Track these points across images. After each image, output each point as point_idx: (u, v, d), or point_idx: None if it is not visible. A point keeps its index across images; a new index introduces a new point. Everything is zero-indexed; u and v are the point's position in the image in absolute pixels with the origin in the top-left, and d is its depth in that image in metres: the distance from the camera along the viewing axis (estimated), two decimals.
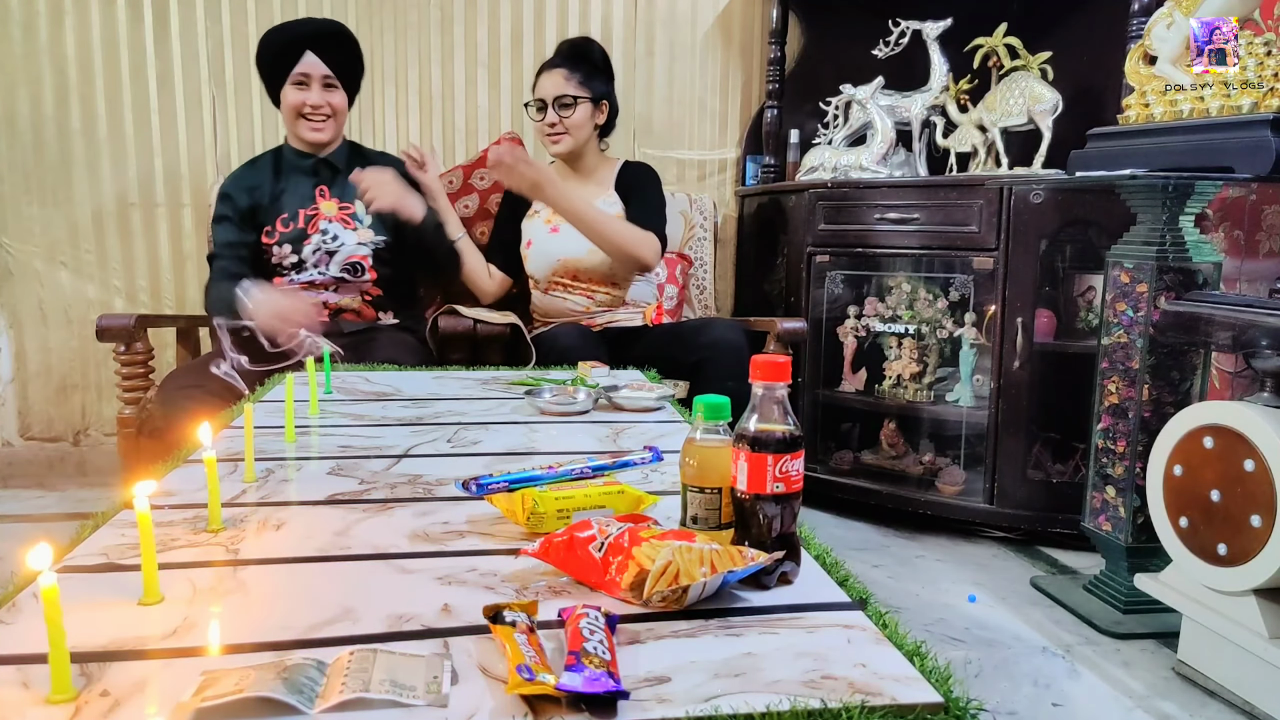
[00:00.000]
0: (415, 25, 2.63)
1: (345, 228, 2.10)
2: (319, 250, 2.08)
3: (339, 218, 2.10)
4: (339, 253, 2.09)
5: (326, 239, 2.08)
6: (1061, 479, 2.16)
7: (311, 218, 2.09)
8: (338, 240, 2.09)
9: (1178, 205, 1.69)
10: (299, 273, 2.09)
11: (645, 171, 2.31)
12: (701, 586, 0.68)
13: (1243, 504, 1.40)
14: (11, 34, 2.48)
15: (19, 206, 2.55)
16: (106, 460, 2.64)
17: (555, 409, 1.39)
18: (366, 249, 2.10)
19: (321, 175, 2.13)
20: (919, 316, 2.31)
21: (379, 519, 0.89)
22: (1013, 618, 1.79)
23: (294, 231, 2.08)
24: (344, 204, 2.11)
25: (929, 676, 0.60)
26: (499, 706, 0.55)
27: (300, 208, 2.09)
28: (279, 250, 2.07)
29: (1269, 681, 1.39)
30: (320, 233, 2.08)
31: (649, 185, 2.28)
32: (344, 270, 2.09)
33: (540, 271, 2.24)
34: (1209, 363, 1.75)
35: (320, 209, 2.09)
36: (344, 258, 2.09)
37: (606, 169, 2.32)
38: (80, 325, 2.60)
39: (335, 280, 2.09)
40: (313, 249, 2.08)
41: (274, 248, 2.08)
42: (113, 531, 0.84)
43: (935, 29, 2.35)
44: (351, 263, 2.09)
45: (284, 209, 2.09)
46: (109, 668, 0.59)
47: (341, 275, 2.09)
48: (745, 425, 0.74)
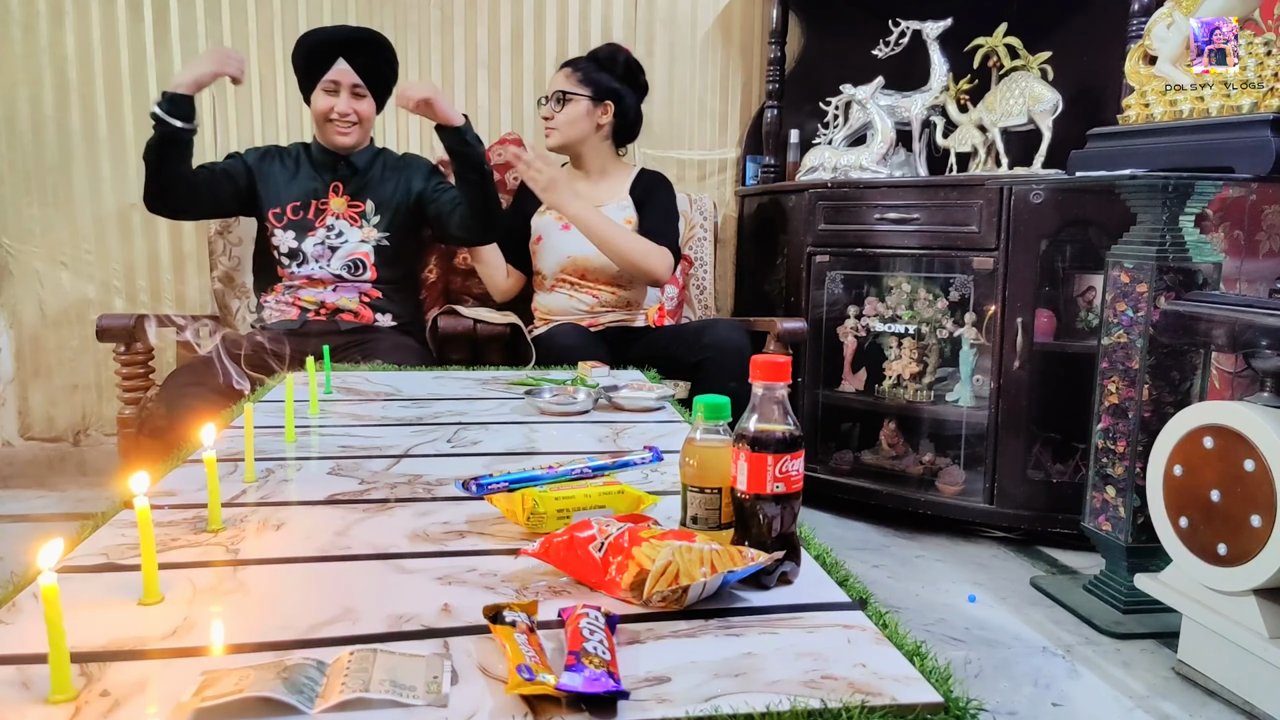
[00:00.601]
0: (415, 25, 2.63)
1: (351, 225, 2.11)
2: (322, 244, 2.09)
3: (347, 214, 2.12)
4: (341, 249, 2.10)
5: (331, 235, 2.10)
6: (1061, 479, 2.16)
7: (321, 211, 2.11)
8: (342, 237, 2.10)
9: (1178, 205, 1.69)
10: (300, 265, 2.10)
11: (660, 181, 2.33)
12: (701, 586, 0.68)
13: (1243, 504, 1.40)
14: (11, 34, 2.48)
15: (19, 206, 2.55)
16: (106, 460, 2.64)
17: (555, 409, 1.39)
18: (369, 246, 2.11)
19: (340, 173, 2.14)
20: (919, 316, 2.31)
21: (379, 519, 0.89)
22: (1013, 618, 1.79)
23: (301, 220, 2.09)
24: (354, 202, 2.13)
25: (929, 676, 0.60)
26: (499, 706, 0.55)
27: (313, 199, 2.11)
28: (282, 235, 2.09)
29: (1269, 681, 1.39)
30: (326, 228, 2.10)
31: (663, 196, 2.30)
32: (345, 267, 2.10)
33: (549, 268, 2.24)
34: (1209, 363, 1.75)
35: (330, 204, 2.11)
36: (346, 254, 2.10)
37: (621, 173, 2.33)
38: (80, 325, 2.60)
39: (335, 278, 2.09)
40: (316, 242, 2.09)
41: (278, 231, 2.09)
42: (113, 531, 0.84)
43: (935, 29, 2.35)
44: (353, 259, 2.10)
45: (296, 196, 2.11)
46: (109, 668, 0.59)
47: (341, 273, 2.10)
48: (745, 425, 0.74)
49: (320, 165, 2.14)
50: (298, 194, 2.11)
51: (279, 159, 2.16)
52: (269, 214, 2.10)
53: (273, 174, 2.13)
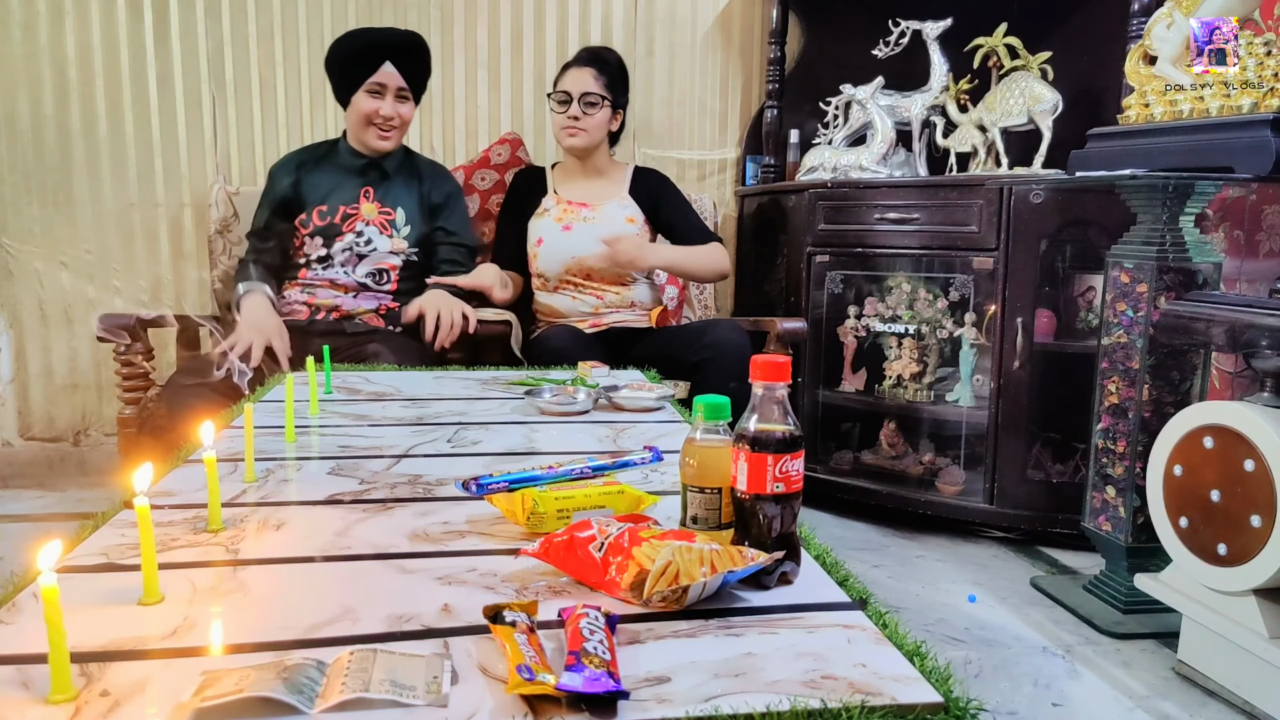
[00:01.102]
0: (415, 25, 2.62)
1: (381, 233, 2.10)
2: (349, 250, 2.08)
3: (377, 221, 2.11)
4: (369, 257, 2.10)
5: (360, 241, 2.09)
6: (1061, 479, 2.16)
7: (350, 216, 2.10)
8: (371, 245, 2.10)
9: (1178, 205, 1.69)
10: (324, 268, 2.09)
11: (664, 181, 2.39)
12: (701, 586, 0.68)
13: (1243, 504, 1.40)
14: (11, 34, 2.48)
15: (19, 206, 2.55)
16: (106, 460, 2.64)
17: (555, 409, 1.39)
18: (398, 259, 2.11)
19: (370, 177, 2.14)
20: (919, 316, 2.31)
21: (379, 519, 0.89)
22: (1013, 618, 1.79)
23: (329, 226, 2.09)
24: (384, 209, 2.12)
25: (929, 676, 0.60)
26: (499, 706, 0.55)
27: (341, 203, 2.10)
28: (310, 241, 2.09)
29: (1269, 681, 1.39)
30: (355, 233, 2.09)
31: (675, 195, 2.37)
32: (369, 275, 2.09)
33: (551, 269, 2.24)
34: (1209, 363, 1.75)
35: (361, 210, 2.10)
36: (373, 263, 2.10)
37: (617, 172, 2.37)
38: (80, 325, 2.60)
39: (358, 285, 2.09)
40: (344, 247, 2.08)
41: (305, 237, 2.09)
42: (113, 531, 0.84)
43: (935, 29, 2.35)
44: (379, 269, 2.10)
45: (324, 200, 2.10)
46: (109, 668, 0.59)
47: (366, 281, 2.09)
48: (745, 425, 0.74)
49: (350, 168, 2.14)
50: (326, 198, 2.11)
51: (314, 166, 2.15)
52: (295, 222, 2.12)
53: (314, 183, 2.13)
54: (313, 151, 2.20)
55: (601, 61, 2.28)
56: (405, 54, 2.09)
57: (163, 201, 2.60)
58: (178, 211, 2.61)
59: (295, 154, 2.21)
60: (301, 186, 2.12)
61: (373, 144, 2.10)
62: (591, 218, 2.25)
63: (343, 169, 2.14)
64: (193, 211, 2.61)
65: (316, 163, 2.16)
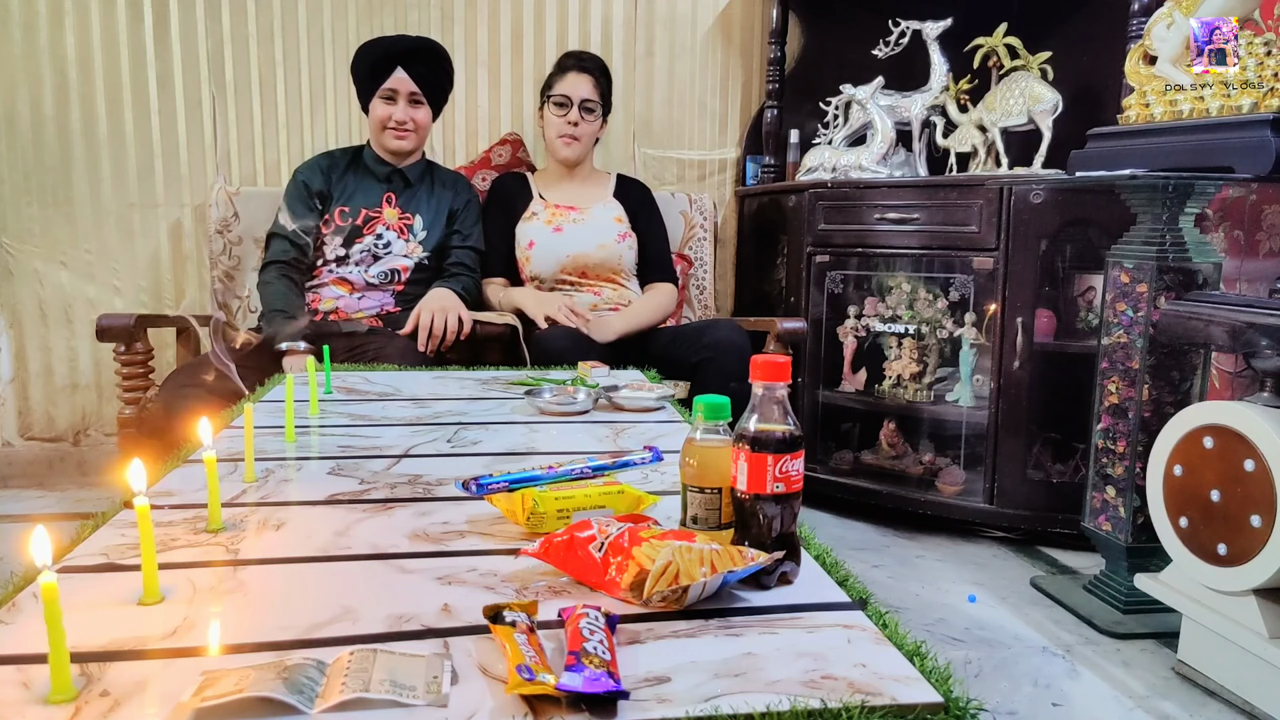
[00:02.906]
0: (415, 26, 2.63)
1: (399, 237, 2.15)
2: (367, 251, 2.13)
3: (397, 226, 2.16)
4: (384, 259, 2.14)
5: (379, 244, 2.13)
6: (1061, 479, 2.16)
7: (372, 219, 2.14)
8: (389, 248, 2.14)
9: (1178, 205, 1.69)
10: (340, 266, 2.12)
11: (648, 194, 2.42)
12: (701, 586, 0.68)
13: (1243, 504, 1.40)
14: (11, 34, 2.48)
15: (19, 206, 2.54)
16: (106, 460, 2.64)
17: (555, 409, 1.39)
18: (411, 261, 2.15)
19: (393, 184, 2.20)
20: (919, 316, 2.31)
21: (379, 519, 0.89)
22: (1013, 618, 1.79)
23: (350, 228, 2.13)
24: (405, 214, 2.17)
25: (929, 676, 0.60)
26: (499, 706, 0.55)
27: (364, 207, 2.15)
28: (330, 241, 2.12)
29: (1269, 681, 1.39)
30: (375, 235, 2.14)
31: (656, 215, 2.40)
32: (380, 275, 2.13)
33: (547, 270, 2.24)
34: (1209, 363, 1.75)
35: (383, 215, 2.15)
36: (387, 265, 2.14)
37: (601, 176, 2.41)
38: (80, 325, 2.60)
39: (366, 284, 2.12)
40: (362, 249, 2.13)
41: (326, 237, 2.13)
42: (113, 531, 0.84)
43: (935, 29, 2.35)
44: (391, 269, 2.14)
45: (347, 203, 2.15)
46: (109, 668, 0.59)
47: (375, 280, 2.13)
48: (745, 425, 0.74)
49: (373, 174, 2.19)
50: (349, 201, 2.15)
51: (342, 170, 2.20)
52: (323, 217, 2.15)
53: (339, 186, 2.17)
54: (337, 156, 2.25)
55: (600, 70, 2.32)
56: (416, 60, 2.14)
57: (163, 201, 2.60)
58: (178, 211, 2.61)
59: (321, 156, 2.25)
60: (329, 188, 2.17)
61: (389, 145, 2.16)
62: (581, 219, 2.26)
63: (367, 174, 2.20)
64: (193, 211, 2.61)
65: (342, 167, 2.21)
